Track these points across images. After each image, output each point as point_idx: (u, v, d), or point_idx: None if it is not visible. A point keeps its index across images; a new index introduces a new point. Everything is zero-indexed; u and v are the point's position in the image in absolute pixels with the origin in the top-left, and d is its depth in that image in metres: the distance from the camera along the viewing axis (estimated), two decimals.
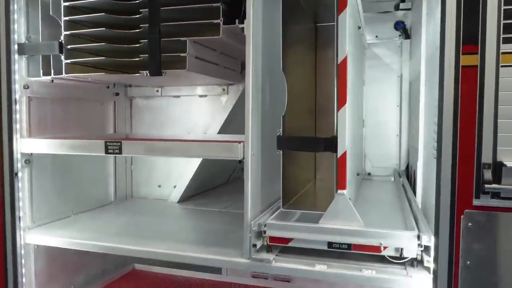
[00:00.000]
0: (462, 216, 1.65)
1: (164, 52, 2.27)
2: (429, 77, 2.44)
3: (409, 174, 3.41)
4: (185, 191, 3.29)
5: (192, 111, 3.31)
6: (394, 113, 3.79)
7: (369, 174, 3.89)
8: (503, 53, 1.57)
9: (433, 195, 2.06)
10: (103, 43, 2.38)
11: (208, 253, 2.16)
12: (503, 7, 1.56)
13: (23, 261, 2.45)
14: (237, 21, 2.18)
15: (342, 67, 1.97)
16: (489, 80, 1.59)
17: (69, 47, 2.42)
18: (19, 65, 2.45)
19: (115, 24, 2.37)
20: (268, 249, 2.11)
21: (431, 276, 1.79)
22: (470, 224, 1.64)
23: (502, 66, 1.57)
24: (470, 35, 1.60)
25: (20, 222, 2.45)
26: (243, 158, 2.06)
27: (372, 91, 3.78)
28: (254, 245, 2.05)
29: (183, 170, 3.32)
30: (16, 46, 2.43)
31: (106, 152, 2.25)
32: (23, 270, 2.45)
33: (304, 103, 2.59)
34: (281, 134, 2.16)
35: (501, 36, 1.57)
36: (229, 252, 2.16)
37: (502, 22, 1.56)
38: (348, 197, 1.98)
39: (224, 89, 3.16)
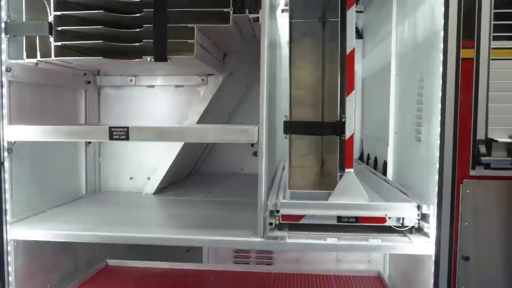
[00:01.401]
0: (461, 185, 1.96)
1: (169, 38, 2.28)
2: (403, 70, 2.78)
3: (366, 161, 3.77)
4: (161, 182, 3.25)
5: (166, 101, 3.29)
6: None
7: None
8: (493, 48, 1.92)
9: (416, 173, 2.40)
10: (101, 27, 2.30)
11: (219, 235, 2.21)
12: (493, 11, 1.90)
13: (10, 259, 2.25)
14: (247, 11, 2.27)
15: (350, 58, 2.18)
16: (483, 70, 1.92)
17: (59, 28, 2.30)
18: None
19: (114, 8, 2.31)
20: (279, 227, 2.24)
21: (430, 239, 2.07)
22: (468, 191, 1.96)
23: (492, 59, 1.92)
24: (468, 31, 1.92)
25: (6, 216, 2.25)
26: (257, 141, 2.16)
27: None
28: (270, 223, 2.16)
29: (156, 162, 3.28)
30: (3, 25, 2.23)
31: (111, 138, 2.19)
32: (10, 269, 2.26)
33: (310, 93, 2.77)
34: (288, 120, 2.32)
35: (492, 34, 1.91)
36: (240, 233, 2.23)
37: (492, 23, 1.91)
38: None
39: (203, 80, 3.20)
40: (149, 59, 2.31)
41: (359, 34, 3.99)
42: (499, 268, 1.98)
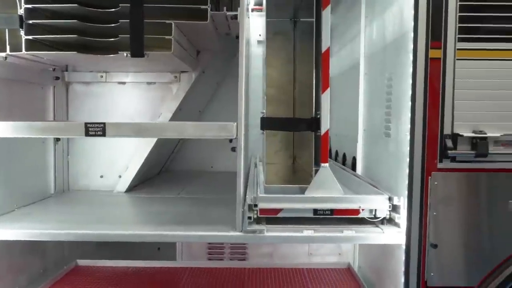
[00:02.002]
0: (430, 177, 2.09)
1: (146, 33, 2.27)
2: (371, 70, 2.90)
3: (335, 158, 3.88)
4: (132, 181, 3.21)
5: (138, 98, 3.25)
6: None
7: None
8: (458, 49, 2.06)
9: (385, 167, 2.52)
10: (75, 21, 2.25)
11: (198, 231, 2.23)
12: (458, 14, 2.04)
13: None
14: (225, 8, 2.30)
15: (325, 56, 2.26)
16: (449, 70, 2.06)
17: (31, 22, 2.24)
18: None
19: (89, 2, 2.27)
20: (258, 221, 2.28)
21: (400, 229, 2.19)
22: (436, 183, 2.09)
23: (458, 59, 2.06)
24: (436, 33, 2.05)
25: None
26: (236, 137, 2.20)
27: None
28: (249, 218, 2.21)
29: (127, 160, 3.24)
30: None
31: (87, 134, 2.15)
32: None
33: (282, 91, 2.82)
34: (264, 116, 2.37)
35: (457, 36, 2.05)
36: (218, 228, 2.26)
37: (458, 25, 2.05)
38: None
39: (176, 77, 3.19)
40: (125, 54, 2.29)
41: None
42: (465, 254, 2.12)
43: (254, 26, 3.62)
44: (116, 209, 2.76)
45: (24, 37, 2.24)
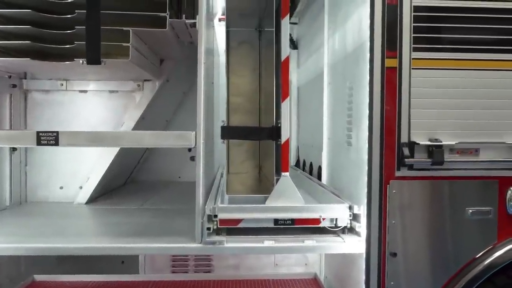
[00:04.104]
0: (388, 185, 2.10)
1: (103, 40, 2.22)
2: (334, 79, 2.92)
3: (302, 167, 3.88)
4: (93, 192, 3.12)
5: (100, 107, 3.18)
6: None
7: None
8: (413, 58, 2.08)
9: (347, 176, 2.52)
10: (29, 27, 2.19)
11: (157, 243, 2.17)
12: (413, 24, 2.07)
13: None
14: (184, 16, 2.28)
15: (284, 65, 2.26)
16: (405, 79, 2.08)
17: None
18: None
19: (43, 8, 2.21)
20: (217, 232, 2.24)
21: (361, 238, 2.18)
22: (394, 191, 2.10)
23: (413, 69, 2.08)
24: (391, 42, 2.07)
25: None
26: (195, 146, 2.16)
27: None
28: (208, 228, 2.16)
29: (88, 170, 3.15)
30: None
31: (39, 143, 2.07)
32: None
33: (247, 99, 2.81)
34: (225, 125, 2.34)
35: (412, 46, 2.08)
36: (177, 239, 2.21)
37: (412, 35, 2.08)
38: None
39: (139, 85, 3.13)
40: (81, 61, 2.23)
41: (294, 45, 4.13)
42: (424, 263, 2.13)
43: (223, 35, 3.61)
44: (73, 221, 2.66)
45: None
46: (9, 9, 2.20)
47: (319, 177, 3.19)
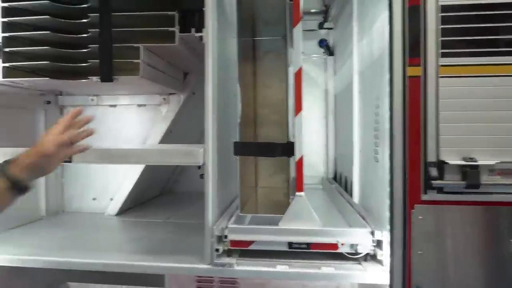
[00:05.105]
0: (413, 210, 1.85)
1: (115, 58, 2.21)
2: (363, 88, 2.69)
3: (339, 181, 3.66)
4: (123, 203, 3.15)
5: (129, 121, 3.21)
6: (320, 125, 4.05)
7: None
8: (442, 65, 1.82)
9: (376, 195, 2.29)
10: (47, 47, 2.24)
11: (166, 262, 2.11)
12: (440, 26, 1.82)
13: None
14: (193, 30, 2.20)
15: (297, 77, 2.10)
16: (431, 89, 1.83)
17: (8, 50, 2.25)
18: None
19: (60, 28, 2.25)
20: (229, 253, 2.13)
21: (384, 268, 1.96)
22: (420, 217, 1.85)
23: (441, 77, 1.82)
24: (414, 48, 1.83)
25: None
26: (204, 164, 2.07)
27: None
28: (217, 250, 2.06)
29: (120, 182, 3.18)
30: None
31: None
32: None
33: (252, 113, 2.69)
34: (238, 140, 2.22)
35: (440, 51, 1.82)
36: (187, 259, 2.13)
37: (439, 39, 1.82)
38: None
39: (164, 99, 3.12)
40: (95, 79, 2.24)
41: (330, 51, 3.93)
42: None
43: None
44: (97, 234, 2.68)
45: (1, 64, 2.25)
46: (30, 32, 2.26)
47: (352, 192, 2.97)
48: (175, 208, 3.33)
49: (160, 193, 3.92)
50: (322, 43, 4.02)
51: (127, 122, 3.21)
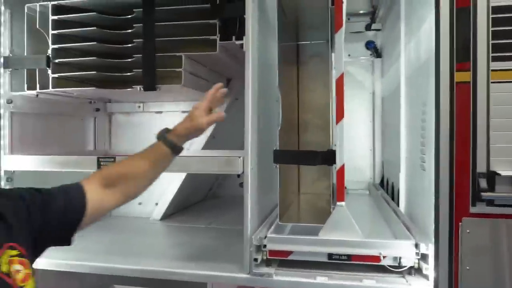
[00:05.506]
0: (460, 223, 1.75)
1: (158, 67, 2.27)
2: (411, 92, 2.58)
3: (385, 187, 3.53)
4: (167, 208, 3.23)
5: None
6: (367, 128, 3.93)
7: (345, 188, 3.99)
8: (493, 70, 1.71)
9: (422, 204, 2.18)
10: (94, 58, 2.33)
11: (206, 270, 2.13)
12: (491, 28, 1.70)
13: None
14: (233, 37, 2.21)
15: (339, 83, 2.05)
16: (481, 95, 1.72)
17: (57, 61, 2.37)
18: (3, 79, 2.35)
19: (106, 39, 2.34)
20: (268, 263, 2.11)
21: (429, 283, 1.86)
22: (468, 231, 1.74)
23: (492, 82, 1.71)
24: (463, 53, 1.73)
25: None
26: (243, 172, 2.07)
27: (346, 108, 3.88)
28: (255, 259, 2.05)
29: (165, 187, 3.26)
30: (1, 60, 2.34)
31: (99, 167, 2.19)
32: None
33: (295, 119, 2.66)
34: (277, 148, 2.20)
35: (491, 55, 1.71)
36: (227, 268, 2.14)
37: (490, 42, 1.71)
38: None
39: None
40: (139, 88, 2.31)
41: (377, 53, 3.81)
42: None
43: None
44: (140, 238, 2.76)
45: (51, 75, 2.38)
46: (80, 43, 2.37)
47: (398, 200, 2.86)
48: (218, 213, 3.37)
49: (206, 197, 3.98)
50: (370, 45, 3.91)
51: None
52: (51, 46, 2.37)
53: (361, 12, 3.88)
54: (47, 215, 1.28)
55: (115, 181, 1.49)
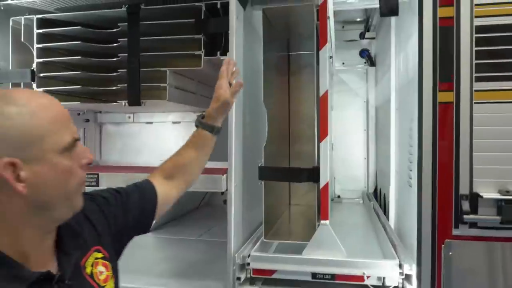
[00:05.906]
0: (442, 245, 1.72)
1: (143, 81, 2.25)
2: (400, 105, 2.55)
3: (378, 197, 3.50)
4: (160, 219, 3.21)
5: (165, 137, 3.26)
6: (361, 137, 3.91)
7: (338, 196, 3.97)
8: (476, 90, 1.68)
9: (409, 222, 2.15)
10: (79, 72, 2.32)
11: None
12: (474, 48, 1.67)
13: None
14: (218, 53, 2.19)
15: (323, 101, 2.02)
16: (464, 115, 1.69)
17: (42, 75, 2.35)
18: None
19: (91, 52, 2.33)
20: (252, 281, 2.09)
21: None
22: (450, 253, 1.71)
23: (476, 103, 1.68)
24: (446, 72, 1.70)
25: None
26: (226, 190, 2.05)
27: (340, 116, 3.88)
28: (238, 278, 2.03)
29: None
30: None
31: None
32: None
33: (281, 132, 2.63)
34: (263, 165, 2.18)
35: (474, 75, 1.68)
36: (211, 286, 2.12)
37: (474, 62, 1.68)
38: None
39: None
40: (123, 103, 2.29)
41: (371, 62, 3.78)
42: None
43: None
44: (131, 250, 2.72)
45: (35, 89, 2.36)
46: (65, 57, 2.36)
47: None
48: (209, 224, 3.34)
49: (199, 206, 3.96)
50: (363, 54, 3.89)
51: (163, 138, 3.26)
52: (36, 60, 2.36)
53: (358, 20, 3.85)
54: (127, 214, 1.35)
55: (173, 172, 1.60)
